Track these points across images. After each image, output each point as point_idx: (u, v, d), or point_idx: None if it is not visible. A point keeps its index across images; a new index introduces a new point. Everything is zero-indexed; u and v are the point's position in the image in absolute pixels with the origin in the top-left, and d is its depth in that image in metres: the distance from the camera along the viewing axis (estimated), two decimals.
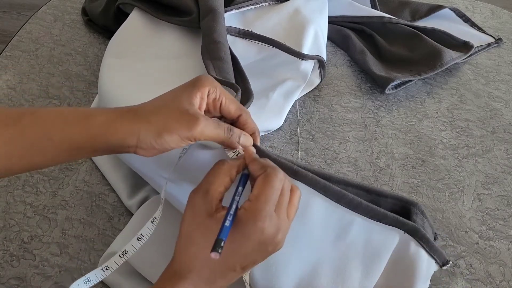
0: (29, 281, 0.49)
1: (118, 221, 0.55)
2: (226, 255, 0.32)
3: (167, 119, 0.34)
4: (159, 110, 0.35)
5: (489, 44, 0.85)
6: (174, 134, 0.34)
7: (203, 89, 0.36)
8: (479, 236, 0.55)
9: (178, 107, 0.35)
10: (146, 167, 0.50)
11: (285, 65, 0.68)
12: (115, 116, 0.35)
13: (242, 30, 0.68)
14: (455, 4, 0.97)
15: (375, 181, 0.60)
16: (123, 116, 0.35)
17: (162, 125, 0.34)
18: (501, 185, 0.61)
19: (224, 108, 0.38)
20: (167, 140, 0.34)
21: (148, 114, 0.35)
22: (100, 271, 0.37)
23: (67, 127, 0.34)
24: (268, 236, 0.33)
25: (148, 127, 0.34)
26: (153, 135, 0.34)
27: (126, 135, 0.34)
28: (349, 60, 0.80)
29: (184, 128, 0.34)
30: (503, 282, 0.50)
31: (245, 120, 0.40)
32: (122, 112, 0.35)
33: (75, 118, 0.34)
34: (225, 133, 0.37)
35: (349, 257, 0.41)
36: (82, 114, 0.35)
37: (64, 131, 0.34)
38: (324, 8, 0.77)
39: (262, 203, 0.32)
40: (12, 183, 0.58)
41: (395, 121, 0.69)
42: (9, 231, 0.53)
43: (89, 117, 0.34)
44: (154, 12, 0.65)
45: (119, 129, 0.34)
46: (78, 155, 0.35)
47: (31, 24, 0.86)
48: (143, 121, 0.34)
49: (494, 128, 0.69)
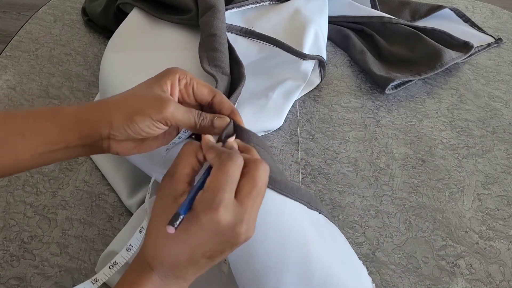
0: (29, 281, 0.49)
1: (118, 221, 0.55)
2: (184, 246, 0.31)
3: (138, 104, 0.34)
4: (130, 97, 0.35)
5: (489, 44, 0.85)
6: (146, 116, 0.34)
7: (173, 76, 0.36)
8: (479, 236, 0.55)
9: (150, 93, 0.35)
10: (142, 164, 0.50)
11: (285, 65, 0.68)
12: (85, 107, 0.35)
13: (244, 28, 0.68)
14: (455, 4, 0.97)
15: (375, 181, 0.60)
16: (93, 106, 0.35)
17: (134, 109, 0.34)
18: (501, 185, 0.61)
19: (196, 91, 0.38)
20: (138, 123, 0.34)
21: (119, 102, 0.35)
22: (90, 283, 0.37)
23: (37, 121, 0.34)
24: (225, 227, 0.31)
25: (119, 113, 0.34)
26: (125, 119, 0.34)
27: (98, 123, 0.34)
28: (349, 60, 0.80)
29: (155, 110, 0.34)
30: (503, 282, 0.50)
31: (219, 100, 0.39)
32: (92, 104, 0.35)
33: (45, 113, 0.34)
34: (196, 117, 0.37)
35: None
36: (53, 109, 0.35)
37: (35, 125, 0.34)
38: (324, 8, 0.77)
39: (215, 192, 0.30)
40: (12, 183, 0.58)
41: (395, 121, 0.69)
42: (9, 231, 0.53)
43: (59, 111, 0.34)
44: (153, 11, 0.65)
45: (90, 118, 0.34)
46: (52, 155, 0.34)
47: (31, 24, 0.86)
48: (114, 108, 0.34)
49: (494, 128, 0.69)
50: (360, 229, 0.55)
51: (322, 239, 0.42)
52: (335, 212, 0.57)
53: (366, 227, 0.55)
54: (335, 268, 0.40)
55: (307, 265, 0.39)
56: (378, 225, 0.55)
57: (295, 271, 0.39)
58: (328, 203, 0.58)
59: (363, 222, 0.56)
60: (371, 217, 0.56)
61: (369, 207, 0.57)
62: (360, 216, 0.56)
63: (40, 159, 0.34)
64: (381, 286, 0.50)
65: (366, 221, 0.56)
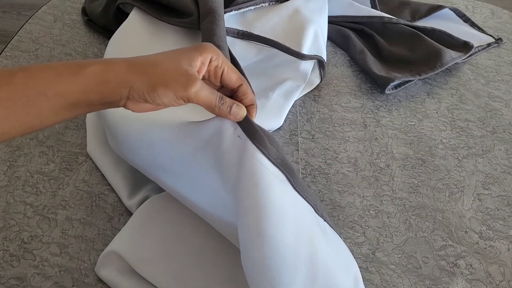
0: (29, 281, 0.49)
1: (118, 221, 0.55)
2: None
3: (164, 74, 0.34)
4: (158, 64, 0.34)
5: (489, 44, 0.85)
6: (169, 90, 0.33)
7: (206, 55, 0.36)
8: (479, 236, 0.55)
9: (177, 65, 0.34)
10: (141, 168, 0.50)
11: (284, 65, 0.68)
12: (107, 67, 0.34)
13: (241, 31, 0.67)
14: (455, 4, 0.97)
15: (375, 181, 0.60)
16: (116, 66, 0.34)
17: (159, 78, 0.33)
18: (501, 185, 0.61)
19: (225, 76, 0.37)
20: (160, 95, 0.33)
21: (145, 65, 0.34)
22: None
23: (59, 82, 0.33)
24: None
25: (143, 78, 0.33)
26: (147, 86, 0.33)
27: (120, 84, 0.33)
28: (349, 60, 0.80)
29: (180, 86, 0.33)
30: (503, 282, 0.50)
31: (245, 90, 0.39)
32: (114, 62, 0.35)
33: (67, 71, 0.34)
34: (217, 100, 0.36)
35: None
36: (74, 67, 0.34)
37: (57, 86, 0.33)
38: (324, 8, 0.77)
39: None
40: (12, 183, 0.58)
41: (395, 121, 0.69)
42: (9, 231, 0.53)
43: (81, 68, 0.33)
44: (154, 13, 0.65)
45: (112, 79, 0.33)
46: (74, 110, 0.34)
47: (31, 24, 0.86)
48: (140, 71, 0.34)
49: (494, 128, 0.69)
50: (360, 229, 0.55)
51: (327, 240, 0.42)
52: (335, 212, 0.57)
53: (366, 227, 0.55)
54: (336, 271, 0.40)
55: (313, 264, 0.39)
56: (378, 225, 0.55)
57: (304, 269, 0.39)
58: (328, 203, 0.58)
59: (363, 222, 0.56)
60: (371, 217, 0.56)
61: (369, 207, 0.57)
62: (360, 216, 0.56)
63: (63, 117, 0.34)
64: (381, 286, 0.50)
65: (366, 221, 0.56)
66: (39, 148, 0.62)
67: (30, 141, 0.63)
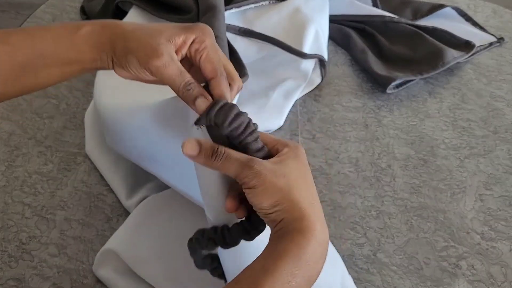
0: (27, 282, 0.48)
1: (117, 221, 0.54)
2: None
3: (137, 43, 0.34)
4: (137, 33, 0.35)
5: (491, 43, 0.85)
6: (134, 57, 0.34)
7: (189, 35, 0.35)
8: (481, 237, 0.54)
9: (152, 36, 0.34)
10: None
11: (285, 64, 0.68)
12: (100, 28, 0.35)
13: (242, 28, 0.67)
14: (456, 3, 0.97)
15: (376, 181, 0.60)
16: (106, 29, 0.35)
17: (131, 46, 0.34)
18: (503, 186, 0.60)
19: (201, 63, 0.35)
20: (128, 61, 0.34)
21: (127, 32, 0.35)
22: None
23: (56, 42, 0.34)
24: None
25: (121, 44, 0.34)
26: (122, 53, 0.34)
27: (106, 47, 0.35)
28: (350, 59, 0.80)
29: (144, 57, 0.34)
30: (505, 283, 0.50)
31: (215, 85, 0.35)
32: (106, 24, 0.36)
33: (63, 33, 0.35)
34: (181, 85, 0.34)
35: None
36: (70, 28, 0.35)
37: (53, 46, 0.34)
38: (325, 7, 0.77)
39: None
40: (10, 183, 0.58)
41: (397, 121, 0.69)
42: (7, 231, 0.53)
43: (76, 30, 0.35)
44: (153, 11, 0.65)
45: (102, 42, 0.35)
46: (70, 73, 0.36)
47: (30, 23, 0.86)
48: (121, 37, 0.35)
49: (496, 128, 0.69)
50: (361, 230, 0.55)
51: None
52: (336, 212, 0.56)
53: (367, 228, 0.55)
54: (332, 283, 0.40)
55: None
56: (379, 226, 0.55)
57: None
58: (329, 203, 0.57)
59: (364, 223, 0.55)
60: (372, 218, 0.56)
61: (370, 208, 0.57)
62: (361, 217, 0.56)
63: (58, 78, 0.36)
64: (382, 287, 0.49)
65: (367, 221, 0.55)
66: (37, 148, 0.62)
67: (28, 140, 0.63)
